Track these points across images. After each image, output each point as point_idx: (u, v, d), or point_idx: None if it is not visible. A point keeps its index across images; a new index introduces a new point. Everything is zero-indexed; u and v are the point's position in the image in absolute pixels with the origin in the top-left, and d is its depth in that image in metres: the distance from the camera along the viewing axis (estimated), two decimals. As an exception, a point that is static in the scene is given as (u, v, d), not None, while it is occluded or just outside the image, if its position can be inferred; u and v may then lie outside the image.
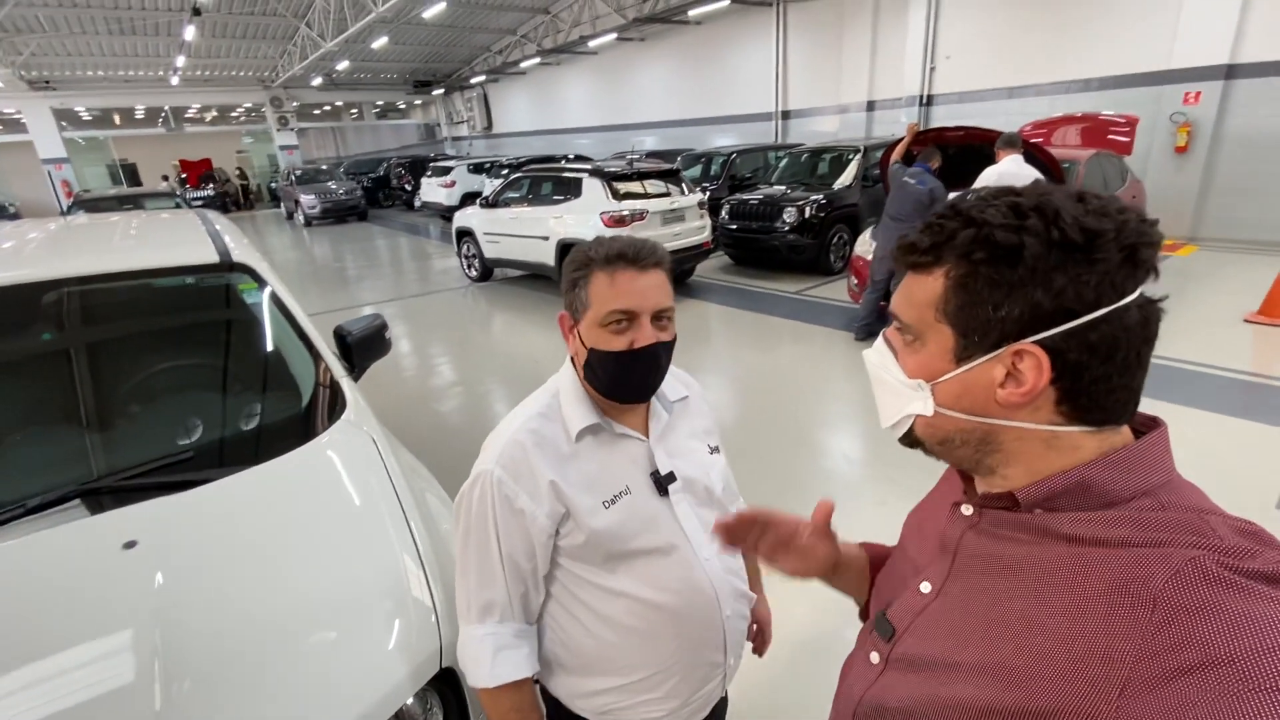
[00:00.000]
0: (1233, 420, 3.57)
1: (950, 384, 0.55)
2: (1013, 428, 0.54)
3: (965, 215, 0.52)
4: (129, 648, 1.10)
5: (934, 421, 0.58)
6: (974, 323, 0.52)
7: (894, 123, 10.78)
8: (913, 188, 4.74)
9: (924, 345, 0.57)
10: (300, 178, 16.96)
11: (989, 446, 0.56)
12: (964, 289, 0.52)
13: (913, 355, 0.58)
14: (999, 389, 0.52)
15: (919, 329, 0.57)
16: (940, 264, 0.54)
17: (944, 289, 0.53)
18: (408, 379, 5.16)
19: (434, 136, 28.68)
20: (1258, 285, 5.38)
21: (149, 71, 19.39)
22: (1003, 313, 0.50)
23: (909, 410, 0.59)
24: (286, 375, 1.97)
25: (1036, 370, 0.50)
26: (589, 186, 6.67)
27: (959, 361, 0.54)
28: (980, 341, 0.52)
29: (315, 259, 11.51)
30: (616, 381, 0.94)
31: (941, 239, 0.53)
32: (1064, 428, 0.52)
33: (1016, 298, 0.50)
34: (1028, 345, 0.50)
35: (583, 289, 0.92)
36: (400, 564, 1.32)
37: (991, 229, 0.50)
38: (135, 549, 1.26)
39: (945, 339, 0.55)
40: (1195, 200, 7.87)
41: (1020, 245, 0.49)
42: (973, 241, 0.51)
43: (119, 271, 1.97)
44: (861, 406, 4.26)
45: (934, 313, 0.55)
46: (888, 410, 0.62)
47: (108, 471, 1.53)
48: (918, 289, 0.56)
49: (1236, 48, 7.33)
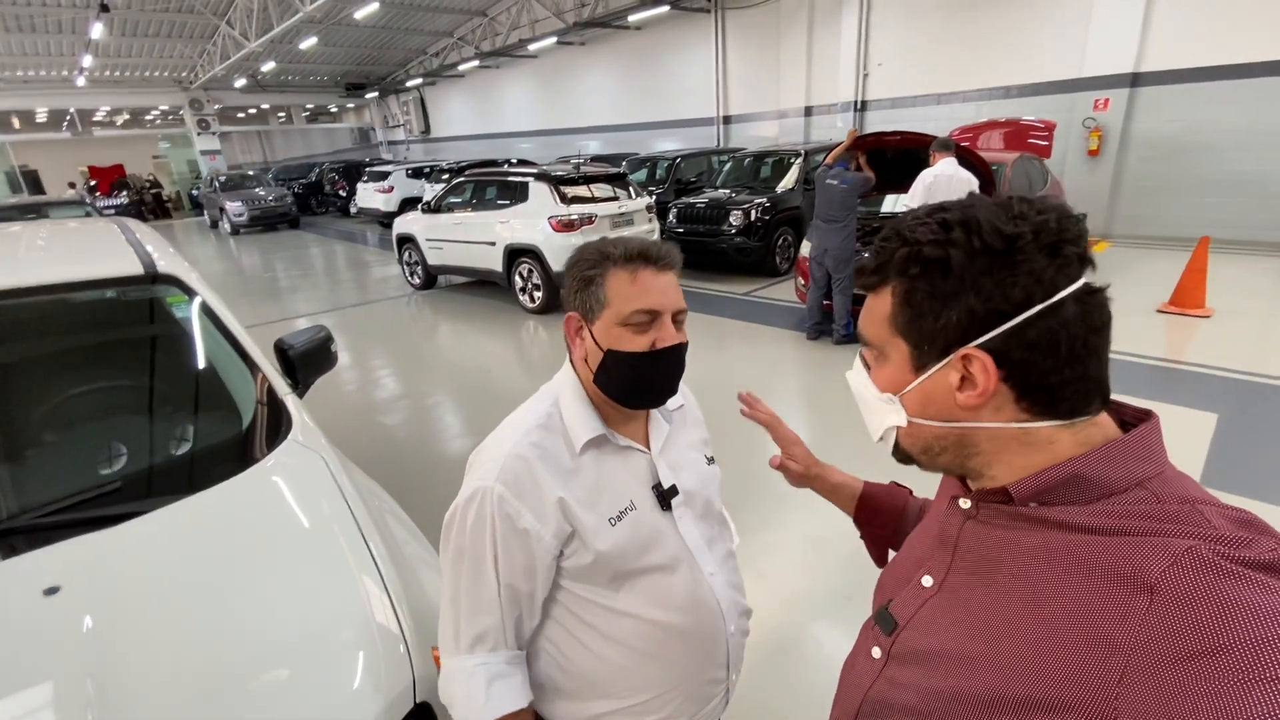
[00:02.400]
0: (1151, 404, 3.77)
1: (914, 393, 0.59)
2: (983, 429, 0.56)
3: (901, 235, 0.57)
4: (57, 702, 0.99)
5: (911, 431, 0.60)
6: (922, 333, 0.56)
7: (831, 128, 11.13)
8: (835, 188, 4.95)
9: (887, 360, 0.60)
10: (225, 184, 16.10)
11: (967, 450, 0.58)
12: (908, 304, 0.56)
13: (881, 370, 0.62)
14: (958, 393, 0.55)
15: (880, 345, 0.61)
16: (886, 283, 0.58)
17: (892, 305, 0.57)
18: (349, 393, 4.94)
19: (369, 141, 27.79)
20: (1167, 278, 5.78)
21: (52, 71, 18.00)
22: (943, 321, 0.54)
23: (888, 423, 0.62)
24: (223, 394, 1.84)
25: (984, 372, 0.53)
26: (536, 191, 6.58)
27: (917, 371, 0.58)
28: (930, 350, 0.56)
29: (244, 269, 10.93)
30: (635, 384, 0.89)
31: (885, 259, 0.58)
32: (1032, 424, 0.54)
33: (952, 306, 0.53)
34: (971, 350, 0.53)
35: (599, 288, 0.88)
36: (362, 591, 1.23)
37: (920, 246, 0.54)
38: (58, 594, 1.13)
39: (902, 351, 0.58)
40: (1107, 199, 8.44)
41: (946, 258, 0.53)
42: (907, 259, 0.55)
43: (29, 286, 1.78)
44: (816, 404, 4.35)
45: (889, 328, 0.58)
46: (873, 425, 0.65)
47: (20, 510, 1.37)
48: (875, 307, 0.60)
49: (1140, 57, 7.92)
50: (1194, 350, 4.63)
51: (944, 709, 0.55)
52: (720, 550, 1.02)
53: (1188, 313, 5.23)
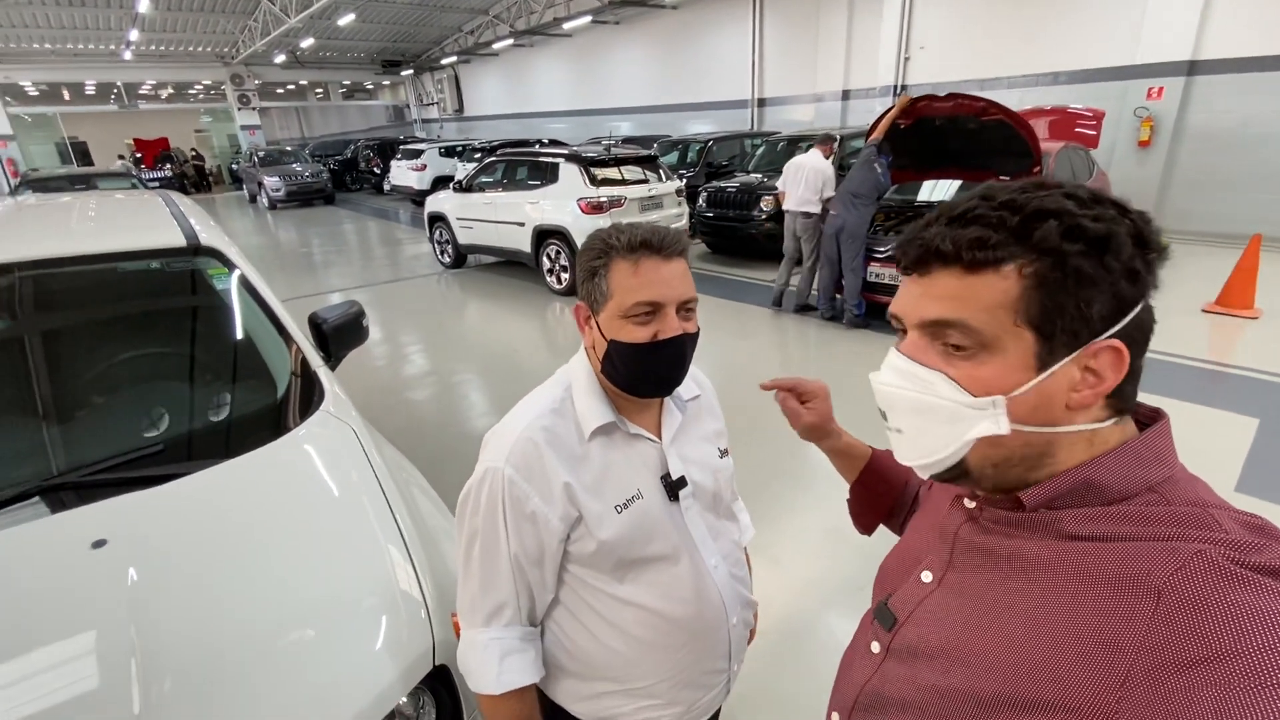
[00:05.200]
0: (1193, 407, 3.69)
1: (1028, 395, 0.50)
2: (1071, 433, 0.51)
3: (1028, 207, 0.48)
4: (103, 648, 1.05)
5: (999, 442, 0.51)
6: (1063, 322, 0.48)
7: (868, 112, 10.83)
8: (877, 175, 4.95)
9: (993, 354, 0.50)
10: (264, 159, 16.41)
11: (1044, 459, 0.52)
12: (1047, 285, 0.47)
13: (979, 368, 0.51)
14: (1073, 392, 0.49)
15: (988, 336, 0.50)
16: (1006, 260, 0.48)
17: (1021, 288, 0.48)
18: (380, 368, 5.05)
19: (403, 118, 27.96)
20: (1215, 276, 5.56)
21: (100, 45, 18.45)
22: (1094, 308, 0.47)
23: (973, 434, 0.51)
24: (260, 364, 1.90)
25: (1117, 365, 0.48)
26: (566, 172, 6.58)
27: (1040, 368, 0.49)
28: (1068, 343, 0.48)
29: (281, 244, 11.16)
30: (638, 375, 0.89)
31: (1012, 232, 0.48)
32: (1105, 423, 0.52)
33: (1104, 290, 0.47)
34: (1113, 340, 0.48)
35: (603, 279, 0.88)
36: (387, 558, 1.28)
37: (1077, 218, 0.47)
38: (105, 547, 1.20)
39: (1025, 344, 0.49)
40: (1157, 193, 8.11)
41: (1109, 235, 0.47)
42: (1061, 233, 0.47)
43: (79, 255, 1.87)
44: (842, 395, 4.30)
45: (1009, 315, 0.49)
46: (938, 441, 0.53)
47: (69, 467, 1.45)
48: (983, 290, 0.49)
49: (1199, 44, 7.54)
50: (1238, 352, 4.46)
51: (942, 706, 0.55)
52: (725, 543, 1.02)
53: (1234, 313, 5.04)
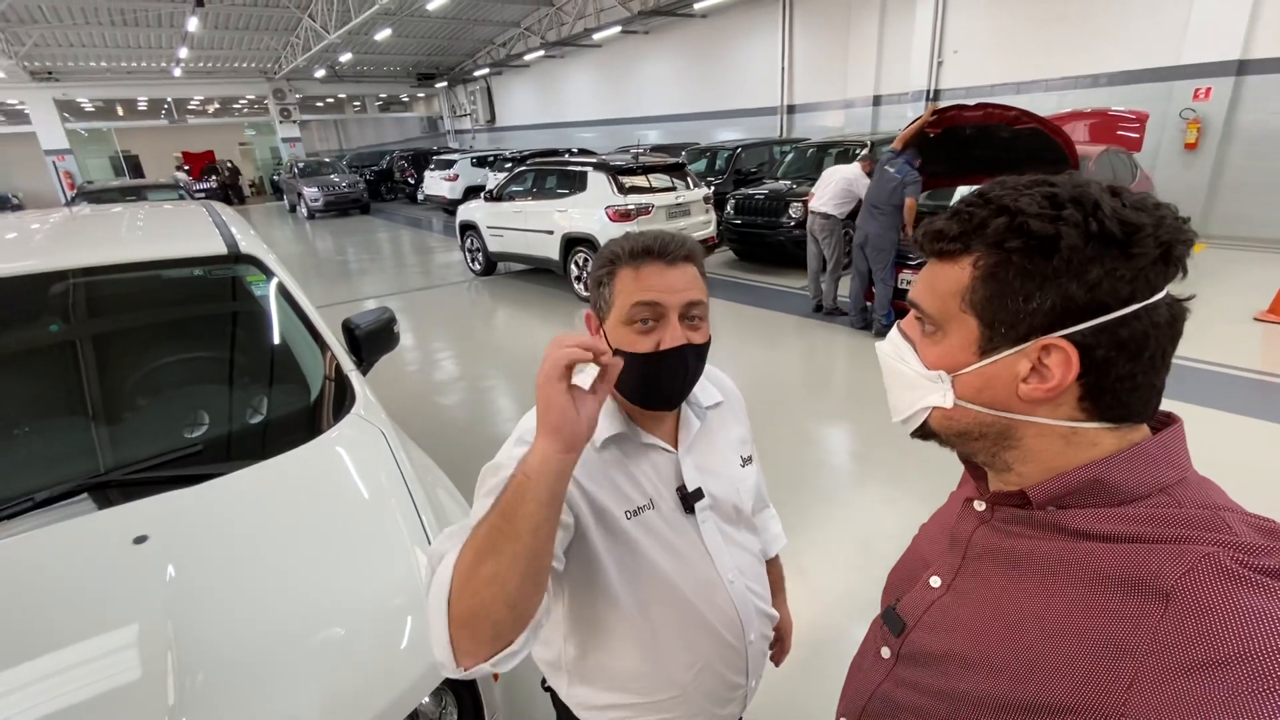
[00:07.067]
0: (1243, 419, 3.54)
1: (971, 376, 0.54)
2: (1032, 423, 0.53)
3: (996, 203, 0.51)
4: (141, 641, 1.09)
5: (952, 414, 0.56)
6: (1002, 314, 0.51)
7: (900, 118, 10.70)
8: (889, 175, 4.82)
9: (945, 336, 0.55)
10: (303, 170, 16.93)
11: (1007, 441, 0.55)
12: (993, 279, 0.51)
13: (933, 346, 0.57)
14: (1022, 383, 0.51)
15: (941, 319, 0.55)
16: (968, 252, 0.52)
17: (971, 278, 0.52)
18: (411, 373, 5.15)
19: (437, 130, 28.60)
20: (1267, 284, 5.35)
21: (152, 63, 19.34)
22: (1033, 305, 0.49)
23: (926, 403, 0.57)
24: (295, 368, 1.96)
25: (1065, 366, 0.49)
26: (594, 180, 6.64)
27: (983, 354, 0.53)
28: (1007, 334, 0.51)
29: (318, 252, 11.49)
30: (641, 385, 0.87)
31: (970, 226, 0.52)
32: (1084, 424, 0.52)
33: (1049, 290, 0.48)
34: (1057, 340, 0.49)
35: (607, 286, 0.87)
36: (413, 560, 1.30)
37: (1026, 218, 0.48)
38: (146, 543, 1.25)
39: (969, 330, 0.53)
40: (1205, 197, 7.81)
41: (1057, 235, 0.47)
42: (1006, 230, 0.49)
43: (126, 263, 1.95)
44: (871, 404, 4.24)
45: (959, 302, 0.53)
46: (901, 402, 0.60)
47: (115, 465, 1.52)
48: (942, 277, 0.54)
49: (1249, 43, 7.26)
50: (1293, 363, 4.27)
51: (951, 710, 0.55)
52: (744, 556, 0.99)
53: (1289, 322, 4.82)
